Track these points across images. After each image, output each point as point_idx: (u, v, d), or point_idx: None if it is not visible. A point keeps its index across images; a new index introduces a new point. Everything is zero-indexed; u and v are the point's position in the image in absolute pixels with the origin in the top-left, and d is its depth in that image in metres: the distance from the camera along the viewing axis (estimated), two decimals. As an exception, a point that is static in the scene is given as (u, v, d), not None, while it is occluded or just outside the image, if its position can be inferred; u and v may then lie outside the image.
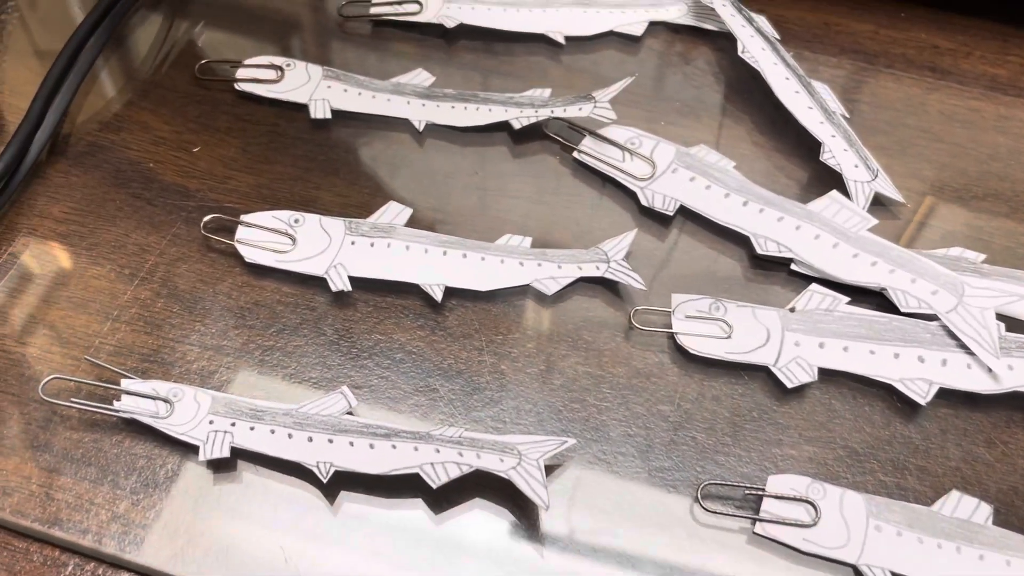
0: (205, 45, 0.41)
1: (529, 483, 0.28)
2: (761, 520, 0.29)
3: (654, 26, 0.42)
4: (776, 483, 0.29)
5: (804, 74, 0.39)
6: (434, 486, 0.28)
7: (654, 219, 0.36)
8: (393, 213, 0.35)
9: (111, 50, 0.41)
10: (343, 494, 0.29)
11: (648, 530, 0.29)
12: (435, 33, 0.42)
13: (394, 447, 0.29)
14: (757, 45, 0.40)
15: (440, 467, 0.28)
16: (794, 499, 0.29)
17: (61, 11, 0.43)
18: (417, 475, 0.28)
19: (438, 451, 0.29)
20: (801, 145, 0.38)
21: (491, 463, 0.28)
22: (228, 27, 0.42)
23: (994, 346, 0.32)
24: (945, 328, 0.32)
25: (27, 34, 0.42)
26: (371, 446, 0.29)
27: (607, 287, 0.34)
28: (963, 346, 0.32)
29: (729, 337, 0.32)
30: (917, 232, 0.36)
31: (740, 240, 0.35)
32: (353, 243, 0.34)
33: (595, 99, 0.38)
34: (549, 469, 0.29)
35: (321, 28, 0.42)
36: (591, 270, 0.34)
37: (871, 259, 0.34)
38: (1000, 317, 0.33)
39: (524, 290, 0.34)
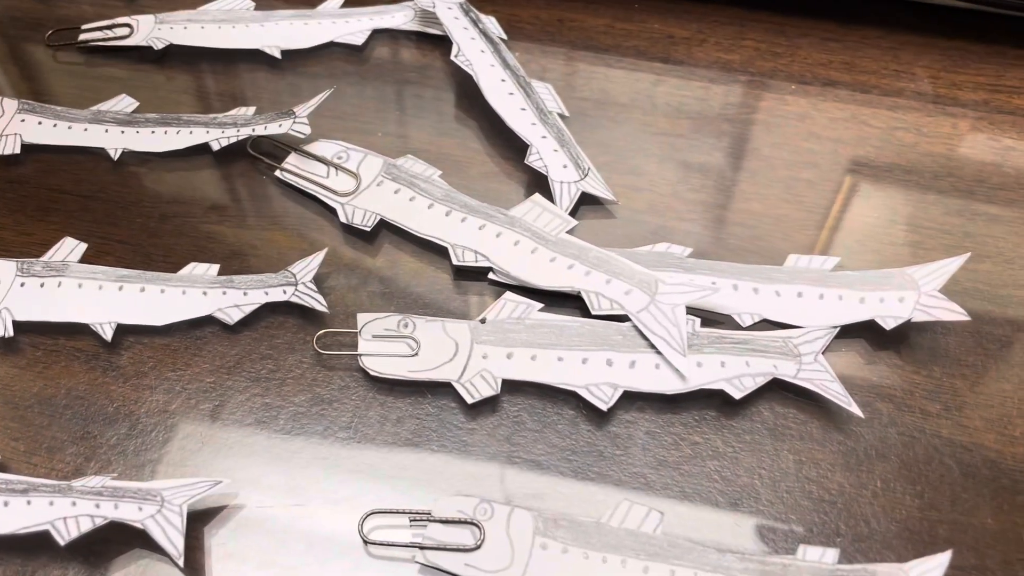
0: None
1: (166, 532, 0.26)
2: (424, 548, 0.27)
3: (379, 34, 0.41)
4: (442, 507, 0.28)
5: (524, 75, 0.38)
6: (61, 543, 0.26)
7: (359, 236, 0.35)
8: (67, 250, 0.33)
9: None
10: (-24, 559, 0.27)
11: (312, 568, 0.27)
12: (150, 57, 0.40)
13: (29, 503, 0.27)
14: (476, 48, 0.39)
15: (72, 521, 0.27)
16: (461, 522, 0.27)
17: None
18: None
19: (74, 504, 0.27)
20: (513, 148, 0.37)
21: (128, 513, 0.27)
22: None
23: (681, 343, 0.30)
24: (637, 328, 0.31)
25: None
26: (5, 503, 0.27)
27: (300, 312, 0.33)
28: (653, 346, 0.31)
29: (416, 354, 0.31)
30: (629, 230, 0.35)
31: (444, 252, 0.34)
32: (23, 285, 0.32)
33: (295, 114, 0.36)
34: (207, 514, 0.28)
35: (29, 58, 0.40)
36: (278, 294, 0.32)
37: (568, 262, 0.33)
38: (697, 313, 0.32)
39: (209, 321, 0.32)
